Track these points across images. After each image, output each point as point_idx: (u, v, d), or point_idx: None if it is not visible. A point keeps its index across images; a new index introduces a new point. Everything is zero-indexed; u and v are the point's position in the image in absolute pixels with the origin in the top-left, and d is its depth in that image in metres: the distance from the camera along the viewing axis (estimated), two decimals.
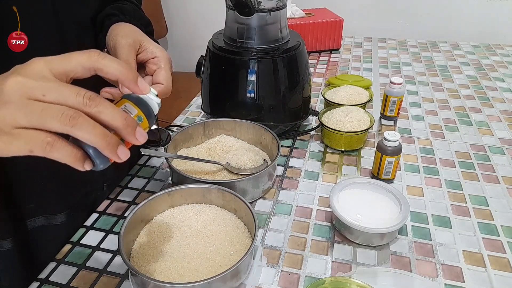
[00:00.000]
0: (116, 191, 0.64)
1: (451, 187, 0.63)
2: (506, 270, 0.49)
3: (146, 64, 0.49)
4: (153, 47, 0.48)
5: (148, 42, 0.49)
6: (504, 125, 0.81)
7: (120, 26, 0.50)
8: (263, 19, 0.69)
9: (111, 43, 0.47)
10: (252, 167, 0.63)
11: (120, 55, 0.45)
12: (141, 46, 0.48)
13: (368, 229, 0.50)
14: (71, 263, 0.51)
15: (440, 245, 0.53)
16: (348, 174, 0.67)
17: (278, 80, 0.70)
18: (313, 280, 0.48)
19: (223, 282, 0.43)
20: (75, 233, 0.56)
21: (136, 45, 0.47)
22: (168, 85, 0.48)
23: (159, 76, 0.48)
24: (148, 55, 0.48)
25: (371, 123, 0.71)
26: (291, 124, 0.76)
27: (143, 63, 0.49)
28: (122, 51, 0.45)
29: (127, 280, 0.48)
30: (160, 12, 1.80)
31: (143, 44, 0.48)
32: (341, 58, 1.19)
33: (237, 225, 0.53)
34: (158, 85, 0.47)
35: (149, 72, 0.49)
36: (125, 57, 0.45)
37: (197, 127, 0.70)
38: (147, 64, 0.49)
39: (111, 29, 0.49)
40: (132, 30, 0.49)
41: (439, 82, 1.01)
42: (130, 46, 0.46)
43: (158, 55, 0.48)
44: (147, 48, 0.48)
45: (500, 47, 1.25)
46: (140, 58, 0.48)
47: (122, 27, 0.50)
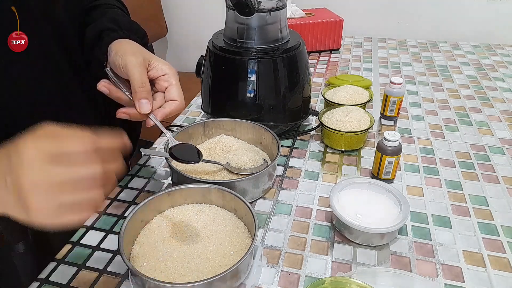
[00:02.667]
0: (116, 191, 0.64)
1: (451, 187, 0.63)
2: (506, 270, 0.49)
3: (155, 81, 0.51)
4: (161, 65, 0.50)
5: (156, 60, 0.51)
6: (504, 125, 0.81)
7: (123, 44, 0.51)
8: (263, 19, 0.69)
9: (120, 63, 0.47)
10: (252, 167, 0.63)
11: (133, 75, 0.46)
12: (150, 64, 0.50)
13: (368, 229, 0.50)
14: (71, 263, 0.51)
15: (440, 245, 0.53)
16: (348, 174, 0.67)
17: (278, 80, 0.70)
18: (313, 280, 0.48)
19: (223, 282, 0.43)
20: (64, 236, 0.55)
21: (146, 63, 0.49)
22: (182, 100, 0.51)
23: (172, 93, 0.50)
24: (158, 73, 0.50)
25: (371, 123, 0.71)
26: (291, 124, 0.76)
27: (153, 80, 0.51)
28: (134, 71, 0.47)
29: (127, 280, 0.48)
30: (160, 12, 1.80)
31: (151, 62, 0.50)
32: (341, 58, 1.19)
33: (237, 225, 0.53)
34: (173, 102, 0.50)
35: (160, 89, 0.51)
36: (139, 77, 0.47)
37: (197, 127, 0.70)
38: (157, 81, 0.51)
39: (114, 47, 0.50)
40: (138, 48, 0.51)
41: (439, 82, 1.01)
42: (141, 65, 0.47)
43: (167, 72, 0.50)
44: (156, 66, 0.50)
45: (500, 47, 1.25)
46: (150, 76, 0.50)
47: (126, 45, 0.51)
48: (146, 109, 0.47)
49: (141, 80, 0.47)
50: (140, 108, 0.47)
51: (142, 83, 0.47)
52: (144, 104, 0.47)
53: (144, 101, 0.47)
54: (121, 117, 0.48)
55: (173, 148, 0.52)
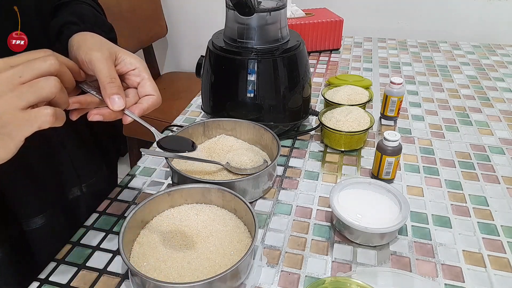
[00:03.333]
0: (116, 191, 0.64)
1: (451, 187, 0.63)
2: (506, 270, 0.49)
3: (125, 76, 0.46)
4: (130, 58, 0.46)
5: (124, 53, 0.46)
6: (504, 125, 0.81)
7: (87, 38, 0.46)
8: (263, 19, 0.69)
9: (84, 58, 0.43)
10: (252, 167, 0.63)
11: (100, 70, 0.42)
12: (117, 57, 0.45)
13: (368, 229, 0.50)
14: (71, 263, 0.51)
15: (440, 245, 0.53)
16: (348, 174, 0.67)
17: (278, 80, 0.70)
18: (313, 280, 0.48)
19: (223, 282, 0.43)
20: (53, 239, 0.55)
21: (113, 57, 0.44)
22: (159, 95, 0.46)
23: (146, 88, 0.46)
24: (128, 67, 0.46)
25: (371, 123, 0.71)
26: (291, 124, 0.76)
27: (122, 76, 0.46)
28: (101, 66, 0.42)
29: (127, 280, 0.48)
30: (160, 12, 1.80)
31: (119, 56, 0.45)
32: (341, 58, 1.19)
33: (237, 225, 0.53)
34: (149, 96, 0.46)
35: (132, 85, 0.47)
36: (107, 72, 0.42)
37: (197, 127, 0.70)
38: (127, 77, 0.46)
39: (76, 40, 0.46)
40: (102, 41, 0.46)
41: (439, 82, 1.01)
42: (108, 59, 0.43)
43: (138, 66, 0.46)
44: (125, 59, 0.45)
45: (500, 47, 1.25)
46: (119, 70, 0.45)
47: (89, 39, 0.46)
48: (119, 105, 0.42)
49: (109, 75, 0.42)
50: (112, 105, 0.42)
51: (111, 78, 0.42)
52: (117, 100, 0.42)
53: (116, 97, 0.42)
54: (94, 119, 0.42)
55: (162, 140, 0.48)
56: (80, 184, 0.63)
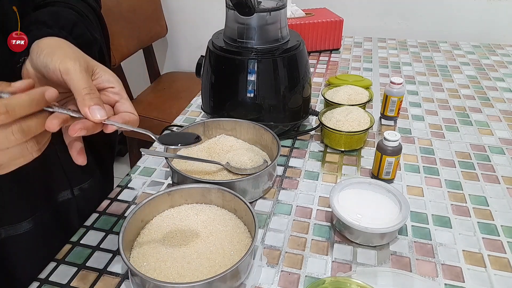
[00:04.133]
0: (116, 191, 0.64)
1: (451, 187, 0.63)
2: (506, 270, 0.49)
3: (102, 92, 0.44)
4: (108, 75, 0.44)
5: (101, 68, 0.44)
6: (504, 125, 0.81)
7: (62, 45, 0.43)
8: (263, 19, 0.69)
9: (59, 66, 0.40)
10: (252, 167, 0.63)
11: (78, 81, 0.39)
12: (95, 72, 0.43)
13: (368, 229, 0.50)
14: (71, 263, 0.51)
15: (440, 245, 0.53)
16: (348, 174, 0.67)
17: (278, 80, 0.70)
18: (313, 280, 0.48)
19: (223, 282, 0.43)
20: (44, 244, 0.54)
21: (90, 70, 0.42)
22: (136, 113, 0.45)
23: (126, 107, 0.44)
24: (105, 84, 0.44)
25: (371, 123, 0.71)
26: (291, 124, 0.76)
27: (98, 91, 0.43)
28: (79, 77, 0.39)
29: (127, 280, 0.48)
30: (160, 12, 1.80)
31: (96, 71, 0.43)
32: (341, 58, 1.19)
33: (237, 225, 0.53)
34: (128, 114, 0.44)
35: (108, 102, 0.44)
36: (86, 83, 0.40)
37: (197, 127, 0.70)
38: (105, 93, 0.44)
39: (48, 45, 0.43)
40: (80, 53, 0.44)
41: (439, 82, 1.01)
42: (85, 71, 0.41)
43: (116, 85, 0.44)
44: (102, 76, 0.43)
45: (500, 47, 1.25)
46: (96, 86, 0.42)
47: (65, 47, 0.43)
48: (102, 115, 0.39)
49: (88, 86, 0.39)
50: (93, 116, 0.39)
51: (91, 89, 0.39)
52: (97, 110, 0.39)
53: (96, 107, 0.39)
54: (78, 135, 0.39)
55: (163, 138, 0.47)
56: (70, 187, 0.61)
